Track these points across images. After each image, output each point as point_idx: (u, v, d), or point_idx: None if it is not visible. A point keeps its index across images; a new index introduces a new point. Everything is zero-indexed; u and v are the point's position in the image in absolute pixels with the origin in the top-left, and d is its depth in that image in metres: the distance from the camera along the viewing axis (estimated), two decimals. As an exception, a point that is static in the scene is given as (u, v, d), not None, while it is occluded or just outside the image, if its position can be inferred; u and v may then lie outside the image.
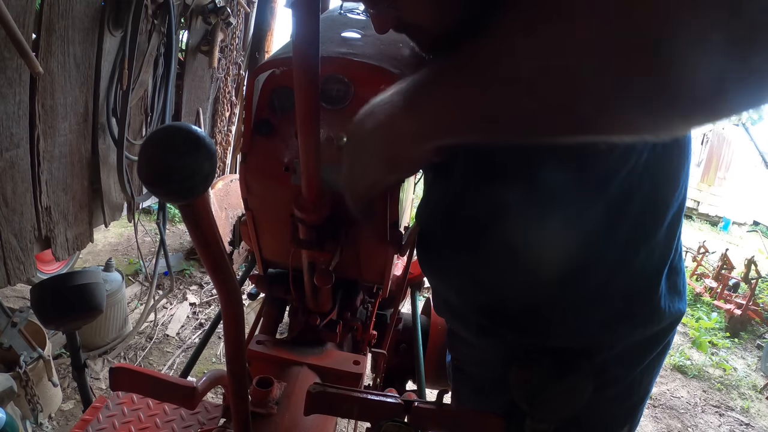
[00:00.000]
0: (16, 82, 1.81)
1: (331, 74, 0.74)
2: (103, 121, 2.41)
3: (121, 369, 0.67)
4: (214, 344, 3.08)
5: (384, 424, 0.66)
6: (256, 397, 0.77)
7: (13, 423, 1.74)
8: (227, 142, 3.94)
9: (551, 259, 0.65)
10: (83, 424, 0.97)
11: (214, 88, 3.63)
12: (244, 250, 3.08)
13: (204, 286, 3.70)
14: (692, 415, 3.42)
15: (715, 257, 5.89)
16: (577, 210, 0.65)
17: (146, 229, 3.74)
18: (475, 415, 0.68)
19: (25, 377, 1.92)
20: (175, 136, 0.35)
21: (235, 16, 3.31)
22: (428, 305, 1.55)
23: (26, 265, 2.05)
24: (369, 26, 0.87)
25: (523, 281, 0.71)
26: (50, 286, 0.92)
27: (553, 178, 0.62)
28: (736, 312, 4.76)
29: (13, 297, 2.98)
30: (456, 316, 0.88)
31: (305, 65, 0.48)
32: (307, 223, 0.71)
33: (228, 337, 0.55)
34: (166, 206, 3.32)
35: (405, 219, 0.97)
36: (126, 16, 2.28)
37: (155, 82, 2.73)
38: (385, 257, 0.88)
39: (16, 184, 1.93)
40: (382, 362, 1.23)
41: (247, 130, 0.79)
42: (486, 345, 0.85)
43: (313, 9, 0.45)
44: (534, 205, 0.65)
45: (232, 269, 0.49)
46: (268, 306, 1.11)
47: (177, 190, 0.36)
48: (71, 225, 2.35)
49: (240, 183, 0.82)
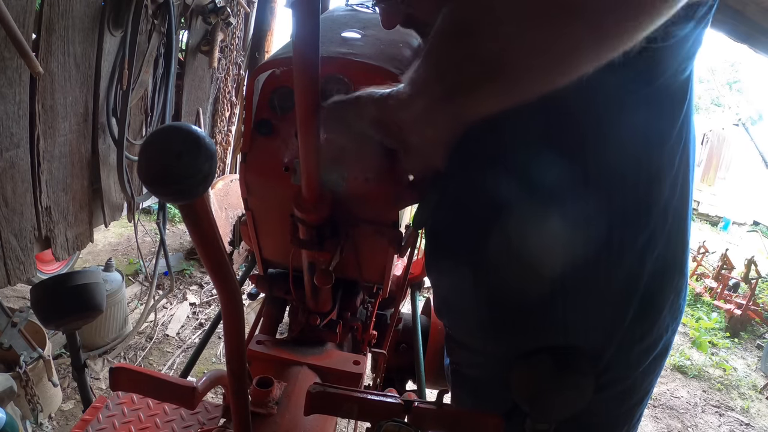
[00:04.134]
0: (16, 82, 1.81)
1: (331, 74, 0.74)
2: (103, 121, 2.41)
3: (121, 369, 0.67)
4: (214, 344, 3.08)
5: (384, 424, 0.66)
6: (256, 397, 0.78)
7: (13, 423, 1.73)
8: (227, 142, 3.94)
9: (554, 259, 0.65)
10: (83, 424, 0.97)
11: (214, 88, 3.63)
12: (244, 250, 3.08)
13: (204, 286, 3.70)
14: (692, 415, 3.42)
15: (715, 257, 5.89)
16: (580, 209, 0.65)
17: (146, 229, 3.74)
18: (475, 415, 0.68)
19: (25, 377, 1.92)
20: (175, 136, 0.35)
21: (235, 16, 3.31)
22: (428, 305, 1.55)
23: (26, 265, 2.05)
24: (369, 26, 0.87)
25: (526, 281, 0.71)
26: (50, 286, 0.91)
27: (555, 178, 0.62)
28: (736, 312, 4.76)
29: (13, 297, 2.98)
30: (458, 318, 0.88)
31: (305, 65, 0.48)
32: (307, 223, 0.71)
33: (228, 337, 0.55)
34: (166, 206, 3.32)
35: (405, 219, 0.97)
36: (126, 16, 2.28)
37: (155, 82, 2.73)
38: (385, 257, 0.88)
39: (16, 184, 1.93)
40: (382, 362, 1.23)
41: (247, 130, 0.79)
42: (486, 347, 0.84)
43: (313, 9, 0.45)
44: (537, 205, 0.65)
45: (232, 269, 0.49)
46: (268, 306, 1.12)
47: (177, 190, 0.36)
48: (71, 225, 2.35)
49: (240, 183, 0.82)
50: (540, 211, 0.65)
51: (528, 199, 0.65)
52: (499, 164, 0.68)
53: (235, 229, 3.17)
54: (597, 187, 0.65)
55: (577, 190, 0.64)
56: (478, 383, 0.93)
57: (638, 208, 0.67)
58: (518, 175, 0.66)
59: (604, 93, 0.57)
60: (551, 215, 0.64)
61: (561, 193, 0.64)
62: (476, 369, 0.92)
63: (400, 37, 0.84)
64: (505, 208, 0.68)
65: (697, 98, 13.41)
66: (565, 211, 0.64)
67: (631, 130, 0.63)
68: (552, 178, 0.62)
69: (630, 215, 0.67)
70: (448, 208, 0.78)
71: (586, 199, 0.65)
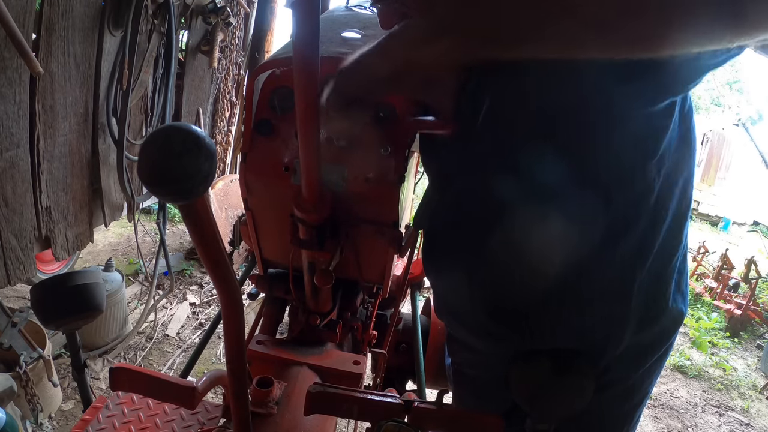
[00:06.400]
0: (16, 82, 1.81)
1: (331, 74, 0.74)
2: (103, 121, 2.41)
3: (121, 369, 0.67)
4: (214, 344, 3.08)
5: (384, 424, 0.66)
6: (256, 397, 0.77)
7: (13, 423, 1.73)
8: (227, 142, 3.94)
9: (555, 259, 0.65)
10: (83, 424, 0.97)
11: (214, 88, 3.63)
12: (244, 250, 3.08)
13: (204, 286, 3.70)
14: (692, 415, 3.42)
15: (715, 257, 5.89)
16: (582, 209, 0.65)
17: (146, 229, 3.74)
18: (475, 415, 0.68)
19: (25, 377, 1.92)
20: (175, 137, 0.35)
21: (235, 16, 3.31)
22: (428, 305, 1.55)
23: (26, 265, 2.05)
24: (369, 26, 0.87)
25: (527, 282, 0.71)
26: (50, 286, 0.91)
27: (555, 178, 0.62)
28: (736, 312, 4.76)
29: (13, 297, 2.98)
30: (457, 318, 0.88)
31: (305, 65, 0.48)
32: (307, 223, 0.71)
33: (228, 337, 0.55)
34: (166, 206, 3.32)
35: (405, 219, 0.97)
36: (126, 16, 2.28)
37: (155, 82, 2.73)
38: (385, 257, 0.88)
39: (16, 184, 1.93)
40: (382, 362, 1.23)
41: (247, 130, 0.79)
42: (487, 347, 0.84)
43: (313, 9, 0.45)
44: (536, 206, 0.65)
45: (232, 269, 0.49)
46: (268, 306, 1.12)
47: (177, 190, 0.36)
48: (71, 225, 2.35)
49: (240, 183, 0.82)
50: (539, 212, 0.65)
51: (527, 199, 0.65)
52: (500, 165, 0.68)
53: (235, 229, 3.17)
54: (596, 188, 0.65)
55: (576, 190, 0.64)
56: (479, 383, 0.93)
57: (637, 209, 0.67)
58: (518, 175, 0.66)
59: (615, 102, 0.57)
60: (550, 216, 0.64)
61: (560, 194, 0.64)
62: (477, 369, 0.92)
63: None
64: (505, 208, 0.68)
65: (697, 98, 13.41)
66: (564, 212, 0.64)
67: (632, 133, 0.63)
68: (552, 179, 0.62)
69: (630, 216, 0.67)
70: (448, 208, 0.79)
71: (586, 200, 0.65)
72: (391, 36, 0.54)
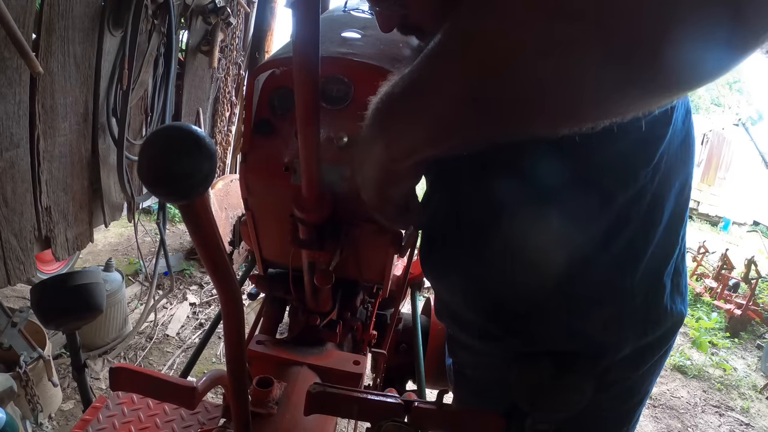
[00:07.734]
0: (16, 82, 1.81)
1: (331, 74, 0.74)
2: (103, 121, 2.41)
3: (121, 369, 0.67)
4: (214, 344, 3.08)
5: (384, 424, 0.66)
6: (256, 397, 0.77)
7: (13, 423, 1.74)
8: (227, 142, 3.94)
9: (554, 261, 0.65)
10: (83, 424, 0.97)
11: (214, 88, 3.63)
12: (244, 250, 3.07)
13: (204, 286, 3.70)
14: (692, 415, 3.42)
15: (715, 257, 5.89)
16: (581, 210, 0.65)
17: (146, 229, 3.74)
18: (475, 415, 0.68)
19: (25, 377, 1.92)
20: (175, 136, 0.35)
21: (235, 16, 3.31)
22: (428, 305, 1.55)
23: (26, 265, 2.05)
24: (369, 26, 0.87)
25: (526, 283, 0.71)
26: (50, 286, 0.92)
27: (555, 179, 0.62)
28: (736, 312, 4.76)
29: (13, 297, 2.98)
30: (457, 320, 0.88)
31: (305, 65, 0.48)
32: (307, 223, 0.71)
33: (228, 337, 0.55)
34: (166, 206, 3.32)
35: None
36: (126, 16, 2.28)
37: (155, 82, 2.73)
38: (385, 257, 0.88)
39: (16, 184, 1.93)
40: (382, 362, 1.23)
41: (247, 130, 0.79)
42: (488, 348, 0.84)
43: (313, 9, 0.45)
44: (537, 207, 0.65)
45: (232, 269, 0.48)
46: (268, 306, 1.11)
47: (177, 190, 0.36)
48: (71, 225, 2.35)
49: (240, 183, 0.82)
50: (539, 213, 0.65)
51: (527, 200, 0.65)
52: (499, 166, 0.68)
53: (235, 229, 3.17)
54: (596, 188, 0.64)
55: (576, 191, 0.64)
56: (479, 383, 0.93)
57: (637, 209, 0.67)
58: (518, 176, 0.66)
59: None
60: (550, 217, 0.64)
61: (560, 194, 0.64)
62: (478, 369, 0.92)
63: (400, 37, 0.83)
64: (504, 209, 0.68)
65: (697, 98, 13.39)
66: (564, 213, 0.64)
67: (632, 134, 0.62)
68: (552, 180, 0.62)
69: (629, 216, 0.67)
70: (447, 209, 0.78)
71: (585, 200, 0.64)
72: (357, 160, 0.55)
